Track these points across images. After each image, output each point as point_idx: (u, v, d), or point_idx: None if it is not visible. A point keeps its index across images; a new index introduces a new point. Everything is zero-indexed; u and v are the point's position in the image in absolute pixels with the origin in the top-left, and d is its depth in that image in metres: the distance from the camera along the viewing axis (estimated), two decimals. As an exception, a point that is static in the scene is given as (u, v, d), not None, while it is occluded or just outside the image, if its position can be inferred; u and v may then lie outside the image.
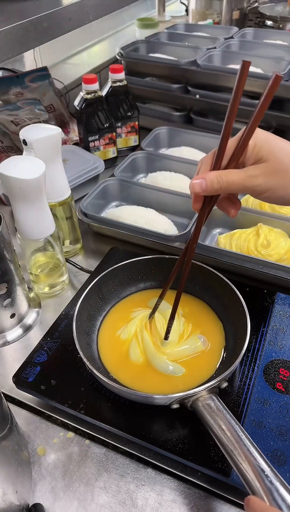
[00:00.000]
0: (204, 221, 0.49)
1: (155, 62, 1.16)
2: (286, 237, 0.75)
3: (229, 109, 0.41)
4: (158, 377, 0.55)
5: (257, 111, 0.41)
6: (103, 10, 0.70)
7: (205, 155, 0.47)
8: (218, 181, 0.44)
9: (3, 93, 1.03)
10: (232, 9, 1.49)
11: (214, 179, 0.44)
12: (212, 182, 0.44)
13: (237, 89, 0.40)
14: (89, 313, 0.61)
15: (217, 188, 0.44)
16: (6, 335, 0.66)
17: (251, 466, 0.40)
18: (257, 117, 0.42)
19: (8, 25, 0.53)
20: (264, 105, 0.41)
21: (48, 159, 0.64)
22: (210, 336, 0.59)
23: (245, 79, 0.40)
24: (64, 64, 1.41)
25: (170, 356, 0.56)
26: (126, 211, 0.83)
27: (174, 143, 1.06)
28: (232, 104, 0.41)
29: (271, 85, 0.40)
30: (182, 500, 0.48)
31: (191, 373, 0.55)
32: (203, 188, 0.44)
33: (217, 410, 0.46)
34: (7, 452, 0.44)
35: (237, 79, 0.40)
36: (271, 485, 0.38)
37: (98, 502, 0.48)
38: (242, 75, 0.39)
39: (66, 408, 0.53)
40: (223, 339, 0.59)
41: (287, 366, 0.56)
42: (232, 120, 0.42)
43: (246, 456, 0.41)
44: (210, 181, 0.44)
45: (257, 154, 0.44)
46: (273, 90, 0.40)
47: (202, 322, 0.61)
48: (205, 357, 0.57)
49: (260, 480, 0.39)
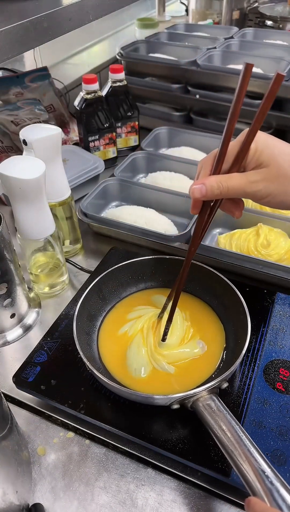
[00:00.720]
0: (208, 225, 0.49)
1: (155, 62, 1.16)
2: (286, 237, 0.75)
3: (231, 111, 0.41)
4: (158, 377, 0.55)
5: (259, 111, 0.41)
6: (103, 10, 0.70)
7: (205, 157, 0.47)
8: (218, 186, 0.43)
9: (3, 93, 1.03)
10: (232, 9, 1.48)
11: (214, 184, 0.43)
12: (212, 187, 0.43)
13: (240, 92, 0.39)
14: (90, 313, 0.61)
15: (217, 194, 0.44)
16: (6, 335, 0.66)
17: (252, 467, 0.40)
18: (259, 118, 0.41)
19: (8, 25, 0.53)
20: (266, 106, 0.40)
21: (48, 159, 0.64)
22: (210, 336, 0.59)
23: (248, 81, 0.39)
24: (64, 64, 1.41)
25: (168, 358, 0.56)
26: (126, 211, 0.83)
27: (174, 143, 1.06)
28: (234, 107, 0.40)
29: (273, 84, 0.39)
30: (182, 500, 0.48)
31: (191, 373, 0.55)
32: (203, 193, 0.44)
33: (217, 410, 0.46)
34: (7, 452, 0.44)
35: (239, 81, 0.39)
36: (271, 485, 0.38)
37: (98, 502, 0.48)
38: (245, 78, 0.39)
39: (66, 408, 0.53)
40: (223, 339, 0.59)
41: (287, 366, 0.56)
42: (233, 123, 0.41)
43: (246, 457, 0.41)
44: (210, 186, 0.43)
45: (258, 159, 0.44)
46: (275, 89, 0.39)
47: (202, 323, 0.61)
48: (205, 358, 0.57)
49: (261, 480, 0.39)
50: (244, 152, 0.43)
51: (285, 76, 0.39)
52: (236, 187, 0.44)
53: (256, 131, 0.42)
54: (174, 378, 0.55)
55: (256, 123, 0.41)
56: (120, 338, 0.60)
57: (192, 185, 0.44)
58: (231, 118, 0.41)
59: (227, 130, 0.42)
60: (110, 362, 0.57)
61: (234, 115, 0.41)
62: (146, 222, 0.81)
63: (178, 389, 0.53)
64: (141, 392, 0.51)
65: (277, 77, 0.39)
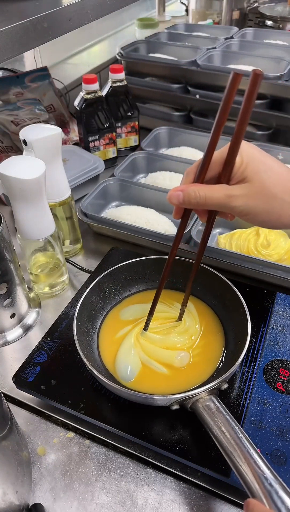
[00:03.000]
0: (210, 231, 0.49)
1: (155, 62, 1.16)
2: (286, 237, 0.75)
3: (216, 121, 0.39)
4: (158, 377, 0.55)
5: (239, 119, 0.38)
6: (103, 10, 0.70)
7: (190, 166, 0.45)
8: (195, 196, 0.42)
9: (3, 93, 1.03)
10: (232, 9, 1.49)
11: (192, 193, 0.42)
12: (189, 196, 0.42)
13: (226, 102, 0.37)
14: (90, 313, 0.61)
15: (194, 203, 0.43)
16: (6, 335, 0.66)
17: (251, 469, 0.40)
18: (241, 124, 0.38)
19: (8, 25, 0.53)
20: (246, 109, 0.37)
21: (48, 159, 0.64)
22: (210, 336, 0.59)
23: (235, 91, 0.36)
24: (64, 64, 1.41)
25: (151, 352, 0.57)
26: (126, 211, 0.83)
27: (174, 143, 1.06)
28: (220, 116, 0.38)
29: (250, 85, 0.35)
30: (182, 500, 0.48)
31: (191, 373, 0.55)
32: (180, 200, 0.43)
33: (217, 411, 0.46)
34: (7, 452, 0.44)
35: (226, 92, 0.37)
36: (270, 487, 0.38)
37: (98, 502, 0.48)
38: (233, 88, 0.36)
39: (66, 408, 0.53)
40: (223, 339, 0.59)
41: (287, 366, 0.56)
42: (218, 134, 0.40)
43: (245, 458, 0.41)
44: (187, 194, 0.42)
45: (243, 172, 0.42)
46: (254, 89, 0.36)
47: (202, 323, 0.61)
48: (205, 358, 0.57)
49: (260, 482, 0.39)
50: (231, 160, 0.41)
51: (263, 74, 0.36)
52: (214, 199, 0.42)
53: (240, 140, 0.40)
54: (174, 378, 0.55)
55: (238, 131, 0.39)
56: (120, 338, 0.60)
57: (171, 191, 0.44)
58: (216, 129, 0.39)
59: (211, 141, 0.40)
60: (110, 362, 0.57)
61: (219, 125, 0.39)
62: (146, 222, 0.81)
63: (178, 390, 0.52)
64: (141, 393, 0.51)
65: (254, 76, 0.35)
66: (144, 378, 0.55)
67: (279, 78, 0.98)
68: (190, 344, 0.58)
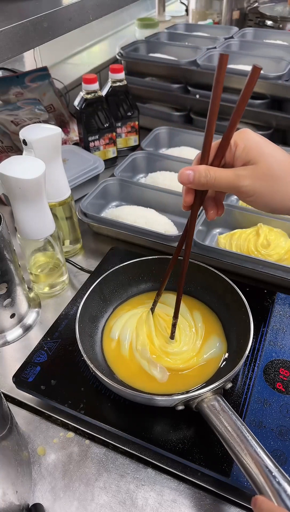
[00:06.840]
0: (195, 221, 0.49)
1: (155, 62, 1.16)
2: (286, 237, 0.75)
3: (210, 108, 0.41)
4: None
5: (238, 104, 0.41)
6: (103, 10, 0.70)
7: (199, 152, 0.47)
8: (205, 174, 0.43)
9: (3, 93, 1.03)
10: (232, 9, 1.48)
11: (203, 172, 0.43)
12: (200, 175, 0.43)
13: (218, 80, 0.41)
14: (91, 315, 0.60)
15: (204, 183, 0.44)
16: (6, 335, 0.66)
17: (258, 467, 0.40)
18: (238, 111, 0.42)
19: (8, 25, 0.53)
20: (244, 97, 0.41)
21: (48, 159, 0.64)
22: (211, 336, 0.59)
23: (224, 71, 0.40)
24: (64, 64, 1.41)
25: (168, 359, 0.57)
26: (126, 211, 0.83)
27: (174, 143, 1.06)
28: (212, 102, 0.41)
29: (250, 77, 0.39)
30: (182, 500, 0.48)
31: (193, 373, 0.55)
32: (190, 179, 0.44)
33: (222, 411, 0.46)
34: (7, 452, 0.44)
35: (214, 82, 0.40)
36: (279, 486, 0.38)
37: (98, 502, 0.48)
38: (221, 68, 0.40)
39: (66, 408, 0.53)
40: (225, 339, 0.59)
41: (287, 366, 0.56)
42: (214, 120, 0.43)
43: (252, 457, 0.41)
44: (198, 173, 0.43)
45: (246, 155, 0.43)
46: (253, 81, 0.40)
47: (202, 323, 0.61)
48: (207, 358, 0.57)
49: (268, 481, 0.39)
50: (225, 143, 0.43)
51: (262, 68, 0.39)
52: (223, 178, 0.43)
53: (236, 122, 0.42)
54: (175, 379, 0.55)
55: (235, 115, 0.42)
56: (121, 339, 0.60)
57: (182, 170, 0.44)
58: (211, 117, 0.42)
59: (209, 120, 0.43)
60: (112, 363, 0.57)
61: (213, 112, 0.42)
62: (146, 222, 0.81)
63: (180, 389, 0.52)
64: (146, 394, 0.51)
65: (254, 70, 0.39)
66: (144, 378, 0.55)
67: (279, 78, 0.98)
68: (193, 346, 0.58)
